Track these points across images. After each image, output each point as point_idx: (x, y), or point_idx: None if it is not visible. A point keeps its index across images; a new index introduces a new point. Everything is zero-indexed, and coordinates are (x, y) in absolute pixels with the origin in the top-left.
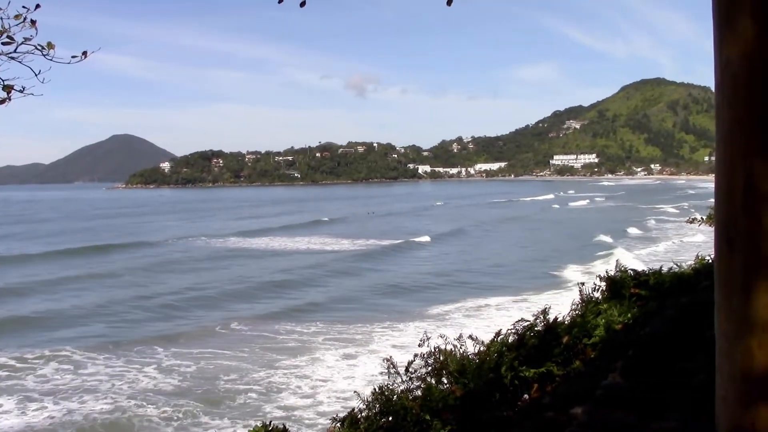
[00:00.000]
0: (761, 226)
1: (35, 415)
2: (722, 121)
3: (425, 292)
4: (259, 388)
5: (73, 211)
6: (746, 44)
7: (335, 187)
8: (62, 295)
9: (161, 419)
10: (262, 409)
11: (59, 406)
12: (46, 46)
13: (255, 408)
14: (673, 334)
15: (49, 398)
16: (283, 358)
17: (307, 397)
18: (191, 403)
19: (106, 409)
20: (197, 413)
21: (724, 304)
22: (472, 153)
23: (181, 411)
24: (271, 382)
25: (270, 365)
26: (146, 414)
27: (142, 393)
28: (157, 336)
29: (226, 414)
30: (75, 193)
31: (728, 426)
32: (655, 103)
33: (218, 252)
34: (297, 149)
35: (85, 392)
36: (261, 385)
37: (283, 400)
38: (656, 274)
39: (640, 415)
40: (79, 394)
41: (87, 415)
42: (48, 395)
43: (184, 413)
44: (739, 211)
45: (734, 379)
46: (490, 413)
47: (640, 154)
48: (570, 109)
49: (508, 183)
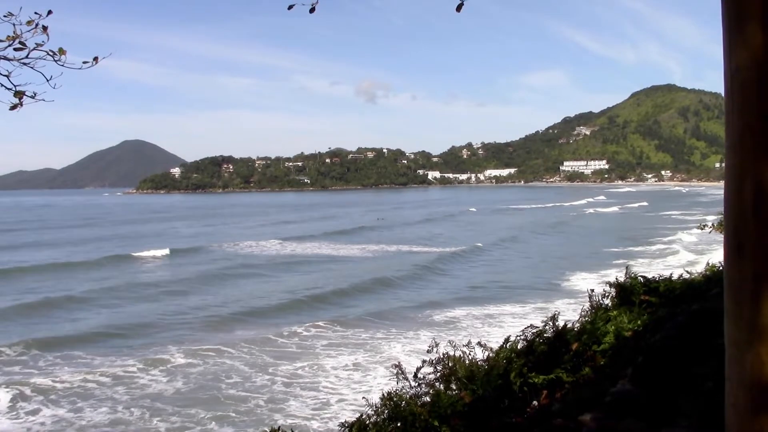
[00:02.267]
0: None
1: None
2: (732, 128)
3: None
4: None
5: (96, 216)
6: (756, 50)
7: (346, 193)
8: (178, 299)
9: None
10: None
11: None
12: (58, 52)
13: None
14: (683, 341)
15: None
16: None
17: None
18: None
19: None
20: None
21: (733, 311)
22: (482, 159)
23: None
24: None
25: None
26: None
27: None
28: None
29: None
30: (89, 199)
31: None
32: (666, 110)
33: (284, 257)
34: (307, 155)
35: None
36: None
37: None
38: (666, 281)
39: (649, 422)
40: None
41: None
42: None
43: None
44: (749, 217)
45: (744, 387)
46: (499, 419)
47: (651, 161)
48: (580, 116)
49: (522, 189)
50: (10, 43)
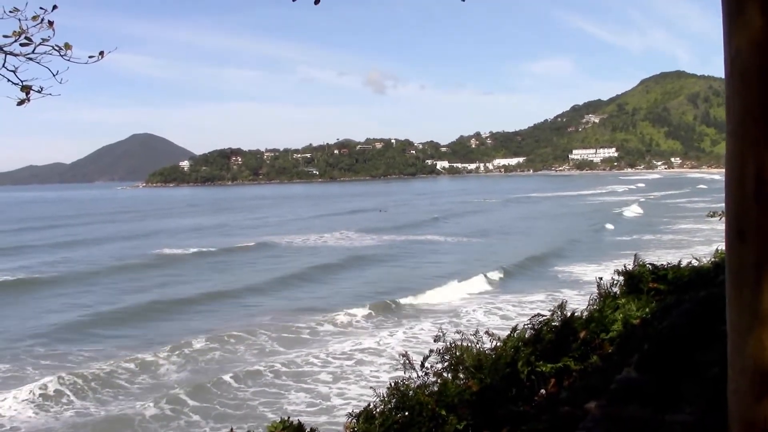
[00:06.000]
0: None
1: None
2: (732, 113)
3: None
4: None
5: (138, 208)
6: (756, 34)
7: (356, 184)
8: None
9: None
10: None
11: None
12: (64, 47)
13: None
14: (690, 328)
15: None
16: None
17: None
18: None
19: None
20: None
21: (735, 297)
22: (491, 148)
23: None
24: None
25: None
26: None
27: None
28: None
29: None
30: (104, 192)
31: (741, 419)
32: (675, 96)
33: (360, 250)
34: (315, 146)
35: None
36: None
37: None
38: (675, 269)
39: (654, 409)
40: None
41: None
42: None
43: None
44: (750, 203)
45: (746, 373)
46: (507, 408)
47: (660, 148)
48: (589, 103)
49: (539, 179)
50: (16, 39)
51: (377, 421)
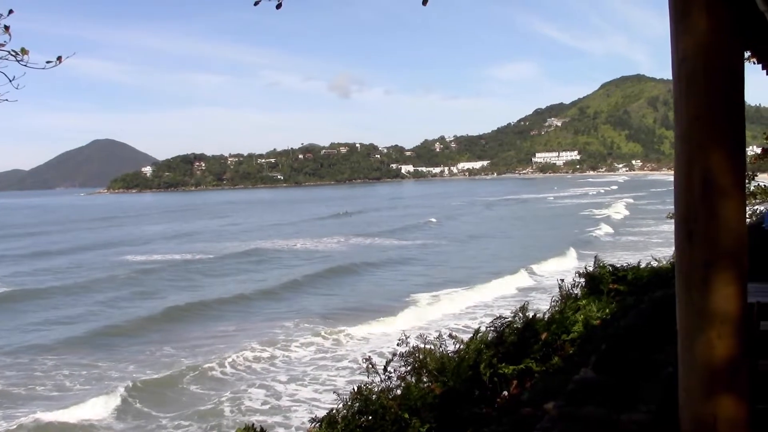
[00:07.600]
0: (719, 220)
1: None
2: (680, 116)
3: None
4: None
5: (113, 215)
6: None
7: (321, 189)
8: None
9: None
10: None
11: None
12: (20, 52)
13: None
14: (645, 328)
15: None
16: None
17: None
18: None
19: None
20: None
21: (684, 297)
22: (455, 152)
23: None
24: None
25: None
26: None
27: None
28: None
29: None
30: (68, 199)
31: (691, 417)
32: (636, 100)
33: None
34: (279, 151)
35: None
36: None
37: None
38: (634, 270)
39: (610, 408)
40: None
41: None
42: None
43: None
44: (698, 205)
45: (695, 371)
46: (469, 410)
47: (622, 151)
48: (551, 107)
49: (500, 182)
50: None
51: (340, 426)
